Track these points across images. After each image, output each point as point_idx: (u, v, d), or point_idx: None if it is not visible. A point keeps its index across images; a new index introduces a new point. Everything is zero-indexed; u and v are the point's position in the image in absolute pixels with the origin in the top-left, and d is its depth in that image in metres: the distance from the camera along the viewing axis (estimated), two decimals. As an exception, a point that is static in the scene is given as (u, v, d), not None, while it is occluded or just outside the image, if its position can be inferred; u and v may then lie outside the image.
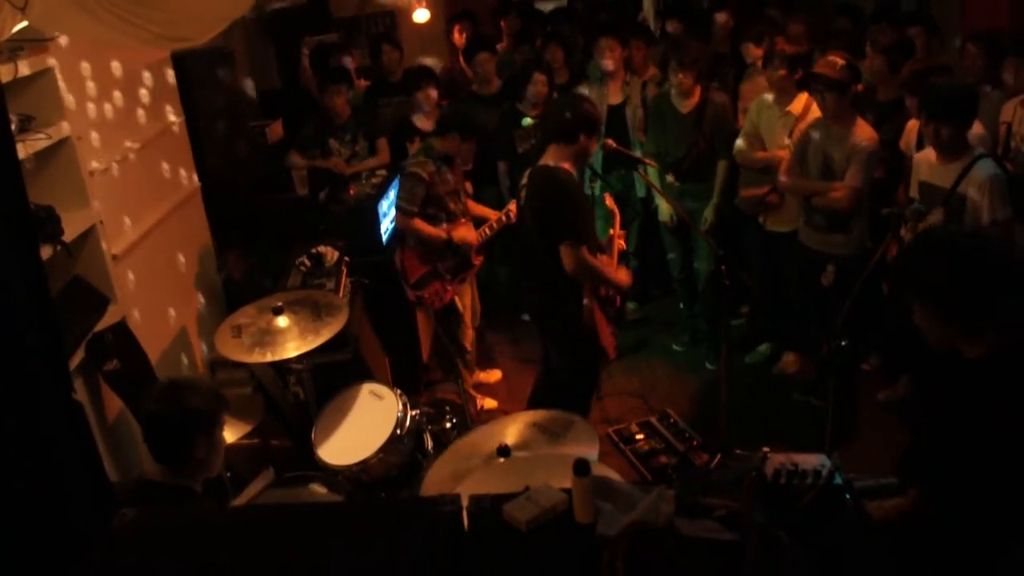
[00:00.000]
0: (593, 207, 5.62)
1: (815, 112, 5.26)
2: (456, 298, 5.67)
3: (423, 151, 5.52)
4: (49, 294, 2.39)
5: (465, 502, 2.27)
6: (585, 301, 4.45)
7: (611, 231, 4.92)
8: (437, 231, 5.47)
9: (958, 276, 2.54)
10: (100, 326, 4.04)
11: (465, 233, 5.55)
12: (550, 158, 4.47)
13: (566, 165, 4.43)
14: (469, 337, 5.92)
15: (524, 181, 4.63)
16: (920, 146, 4.88)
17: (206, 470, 3.07)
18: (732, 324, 6.20)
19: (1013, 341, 2.54)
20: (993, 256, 2.61)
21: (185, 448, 2.98)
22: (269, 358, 4.03)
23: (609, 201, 5.09)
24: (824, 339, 4.43)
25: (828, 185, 5.03)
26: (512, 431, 3.38)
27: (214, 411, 3.09)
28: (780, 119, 5.50)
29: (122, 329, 4.20)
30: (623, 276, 4.67)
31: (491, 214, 5.71)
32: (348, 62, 7.50)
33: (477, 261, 5.69)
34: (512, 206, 5.48)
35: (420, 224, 5.43)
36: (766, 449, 2.31)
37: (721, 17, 7.04)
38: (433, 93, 6.53)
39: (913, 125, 5.05)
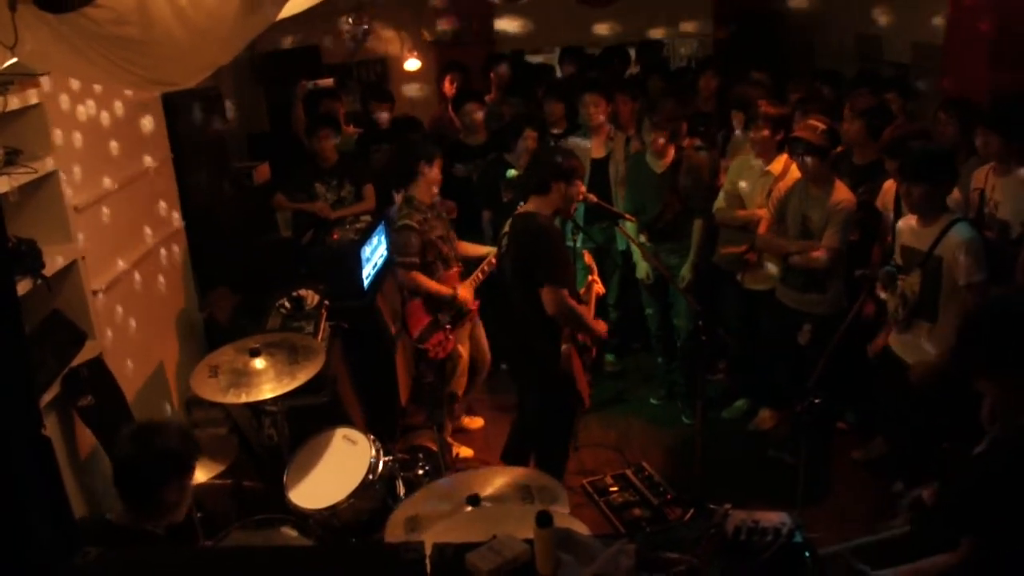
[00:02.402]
0: (574, 259, 5.67)
1: (794, 172, 5.35)
2: (458, 345, 5.68)
3: (405, 204, 5.55)
4: (22, 327, 2.39)
5: (429, 549, 2.27)
6: (564, 346, 4.48)
7: (589, 277, 4.98)
8: (442, 288, 5.50)
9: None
10: (77, 361, 4.03)
11: (467, 294, 5.59)
12: (530, 206, 4.55)
13: (546, 212, 4.49)
14: (462, 385, 5.91)
15: (506, 229, 4.71)
16: (898, 207, 4.96)
17: (172, 515, 3.05)
18: (709, 380, 6.24)
19: None
20: None
21: (154, 493, 2.97)
22: (243, 399, 4.04)
23: (588, 258, 5.14)
24: (799, 397, 4.46)
25: (806, 245, 5.11)
26: (486, 483, 3.38)
27: (186, 456, 3.09)
28: (760, 179, 5.58)
29: (99, 365, 4.20)
30: (600, 326, 4.72)
31: (481, 249, 5.77)
32: (338, 108, 7.57)
33: (473, 307, 5.71)
34: (492, 257, 5.54)
35: (424, 280, 5.43)
36: (728, 505, 2.33)
37: (706, 80, 7.16)
38: None
39: (890, 186, 5.14)
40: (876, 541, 2.94)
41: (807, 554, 2.24)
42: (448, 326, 5.58)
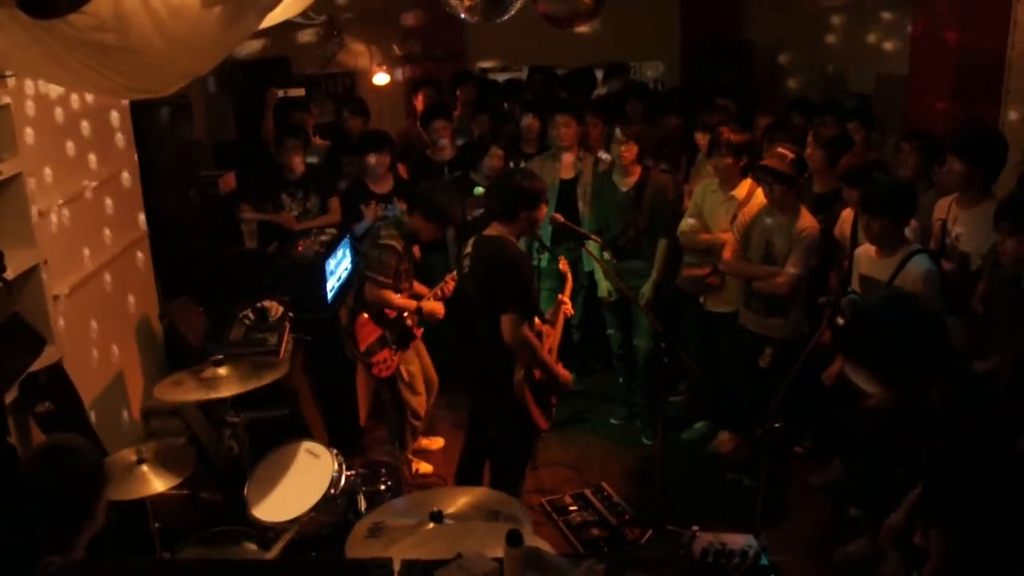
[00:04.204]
0: (540, 279, 5.70)
1: (758, 197, 5.43)
2: (401, 366, 5.65)
3: (395, 225, 5.53)
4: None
5: (396, 565, 2.27)
6: (517, 375, 4.48)
7: (560, 296, 5.00)
8: (408, 302, 5.50)
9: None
10: (36, 366, 3.98)
11: (434, 307, 5.57)
12: (494, 230, 4.56)
13: (512, 237, 4.52)
14: (422, 403, 5.88)
15: (467, 250, 4.68)
16: (855, 235, 5.05)
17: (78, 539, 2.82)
18: (669, 401, 6.29)
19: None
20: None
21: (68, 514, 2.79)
22: (205, 397, 4.03)
23: (563, 264, 5.18)
24: (758, 420, 4.51)
25: (770, 270, 5.18)
26: (449, 500, 3.37)
27: (98, 480, 2.92)
28: (724, 203, 5.65)
29: (58, 371, 4.15)
30: (564, 373, 4.73)
31: (424, 291, 5.72)
32: (307, 120, 7.55)
33: (417, 333, 5.71)
34: (451, 280, 5.53)
35: (391, 295, 5.40)
36: (695, 528, 2.35)
37: (668, 120, 7.26)
38: (384, 160, 6.59)
39: (848, 214, 5.23)
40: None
41: (772, 577, 2.27)
42: (394, 345, 5.56)
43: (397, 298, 5.45)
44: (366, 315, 5.49)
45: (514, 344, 4.39)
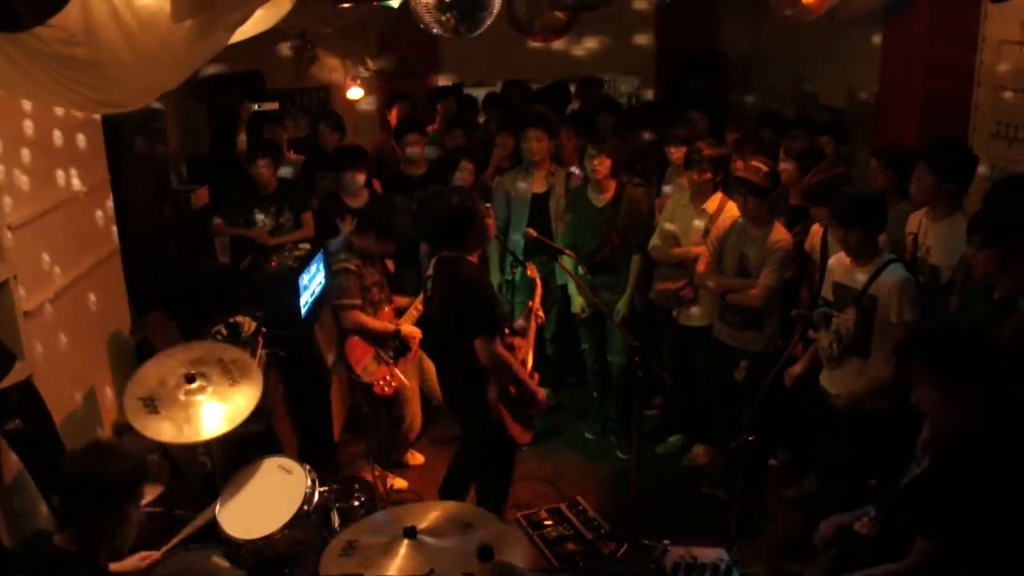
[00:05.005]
0: (514, 293, 5.70)
1: (729, 211, 5.47)
2: (404, 380, 5.62)
3: (344, 248, 5.58)
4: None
5: (369, 582, 2.26)
6: (491, 394, 4.48)
7: (531, 303, 4.99)
8: (383, 325, 5.51)
9: None
10: (6, 383, 3.93)
11: (412, 331, 5.59)
12: (449, 251, 4.54)
13: (468, 256, 4.53)
14: (417, 415, 5.86)
15: (430, 272, 4.67)
16: (825, 248, 5.09)
17: (116, 541, 2.98)
18: (644, 415, 6.28)
19: None
20: None
21: (103, 515, 2.91)
22: (183, 439, 3.94)
23: (532, 271, 5.18)
24: (733, 434, 4.52)
25: (744, 283, 5.21)
26: (423, 516, 3.35)
27: (137, 481, 3.03)
28: (695, 217, 5.68)
29: (28, 388, 4.09)
30: (540, 393, 4.73)
31: (405, 303, 5.73)
32: (280, 134, 7.53)
33: (414, 345, 5.70)
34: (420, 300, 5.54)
35: (366, 319, 5.44)
36: (667, 542, 2.35)
37: (645, 134, 7.29)
38: (360, 175, 6.58)
39: (817, 229, 5.28)
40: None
41: (744, 590, 2.27)
42: (390, 362, 5.56)
43: (373, 322, 5.46)
44: (356, 337, 5.49)
45: (490, 366, 4.38)
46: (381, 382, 5.52)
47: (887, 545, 3.13)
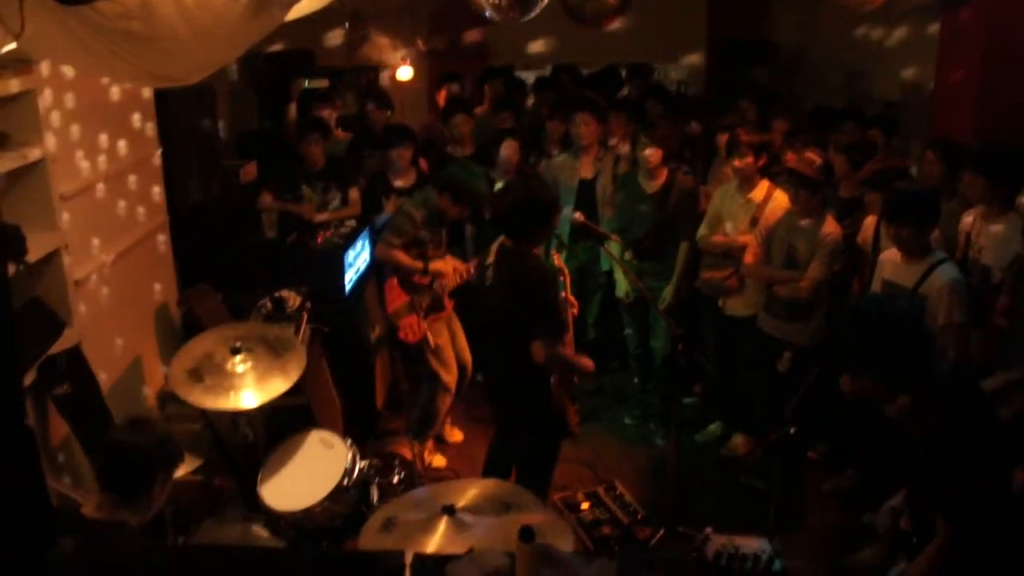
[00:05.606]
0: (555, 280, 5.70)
1: (777, 199, 5.42)
2: (428, 335, 5.67)
3: (422, 199, 5.62)
4: (11, 315, 2.38)
5: (408, 558, 2.28)
6: (554, 381, 4.44)
7: (562, 293, 4.96)
8: (413, 262, 5.57)
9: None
10: (55, 349, 4.00)
11: (440, 265, 5.65)
12: (514, 242, 4.46)
13: (534, 250, 4.49)
14: (452, 379, 5.85)
15: (491, 259, 4.57)
16: (877, 241, 5.03)
17: (150, 509, 3.04)
18: (684, 402, 6.27)
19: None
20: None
21: (144, 480, 2.98)
22: (224, 406, 4.00)
23: (557, 260, 5.03)
24: (774, 425, 4.49)
25: (792, 274, 5.16)
26: (462, 494, 3.36)
27: (175, 455, 3.13)
28: (742, 206, 5.63)
29: (76, 354, 4.17)
30: (587, 362, 4.62)
31: (460, 266, 5.79)
32: (328, 112, 7.56)
33: (448, 305, 5.75)
34: (472, 267, 5.55)
35: (399, 254, 5.53)
36: (709, 530, 2.34)
37: (694, 125, 7.24)
38: (407, 153, 6.58)
39: (870, 222, 5.21)
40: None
41: (784, 582, 2.26)
42: (422, 312, 5.63)
43: (402, 256, 5.53)
44: (395, 279, 5.60)
45: (548, 365, 4.31)
46: (407, 328, 5.61)
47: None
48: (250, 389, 4.01)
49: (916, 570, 2.84)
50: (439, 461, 5.96)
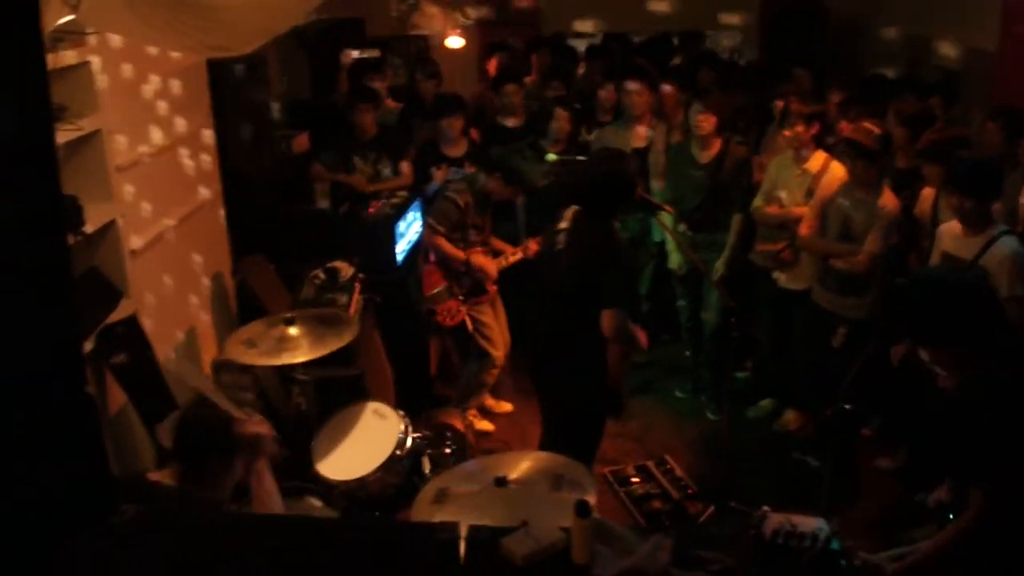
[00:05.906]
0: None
1: (833, 171, 5.32)
2: (467, 319, 5.70)
3: (467, 181, 5.64)
4: (72, 284, 2.41)
5: (463, 530, 2.28)
6: (613, 355, 4.37)
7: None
8: (456, 252, 5.60)
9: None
10: (112, 319, 4.06)
11: (484, 262, 5.65)
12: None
13: (612, 221, 4.43)
14: (500, 355, 5.88)
15: (563, 224, 4.45)
16: (935, 214, 4.92)
17: (217, 489, 3.06)
18: (736, 377, 6.22)
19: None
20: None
21: (203, 456, 3.03)
22: (276, 362, 4.09)
23: (533, 246, 5.37)
24: (827, 401, 4.43)
25: (848, 248, 5.07)
26: (513, 466, 3.35)
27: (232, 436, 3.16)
28: (798, 177, 5.54)
29: (133, 324, 4.22)
30: (643, 337, 4.55)
31: (507, 248, 5.77)
32: (379, 82, 7.55)
33: (491, 289, 5.73)
34: (532, 243, 5.52)
35: (442, 242, 5.56)
36: (766, 507, 2.31)
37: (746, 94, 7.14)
38: (458, 123, 6.54)
39: (928, 193, 5.09)
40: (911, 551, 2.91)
41: (843, 562, 2.23)
42: (461, 297, 5.67)
43: (446, 245, 5.57)
44: (434, 265, 5.66)
45: (614, 337, 4.25)
46: (444, 313, 5.67)
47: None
48: (303, 349, 4.07)
49: (943, 538, 2.82)
50: (487, 425, 6.01)
